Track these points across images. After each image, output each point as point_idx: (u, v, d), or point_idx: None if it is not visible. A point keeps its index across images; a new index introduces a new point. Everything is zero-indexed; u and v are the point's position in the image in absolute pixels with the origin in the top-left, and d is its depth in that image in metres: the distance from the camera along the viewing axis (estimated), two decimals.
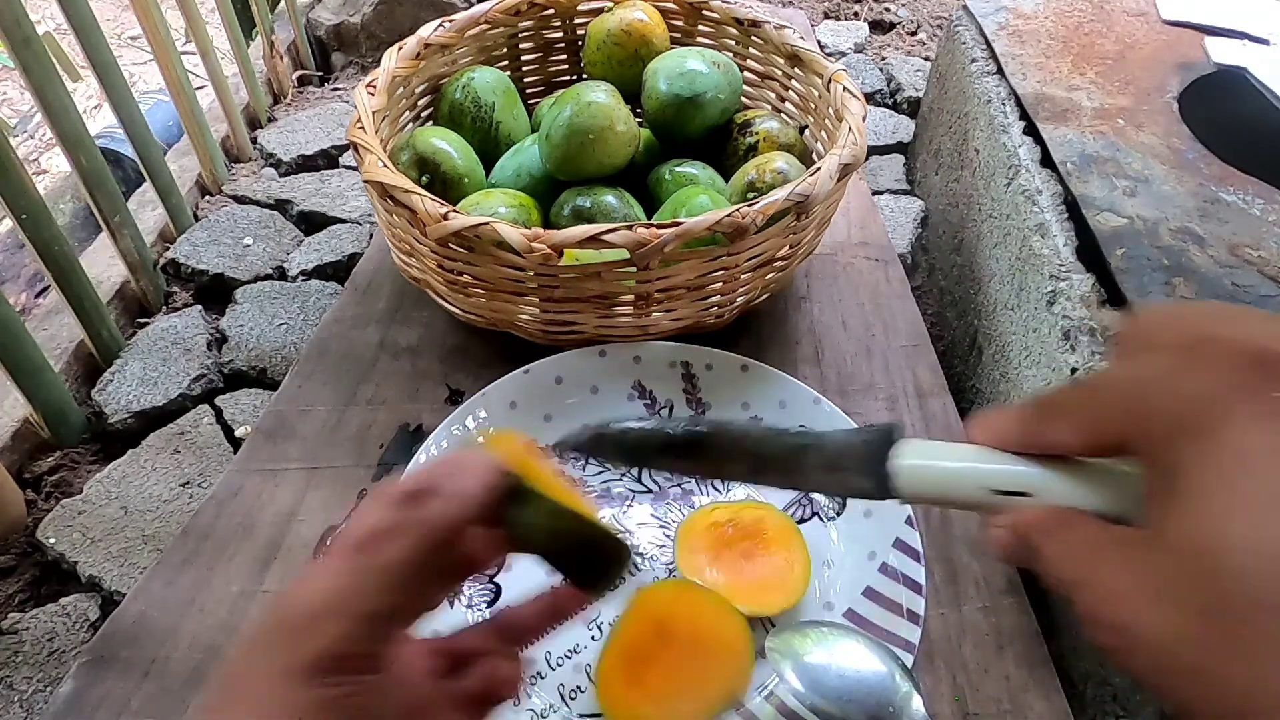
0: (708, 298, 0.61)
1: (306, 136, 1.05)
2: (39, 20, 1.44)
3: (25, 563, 0.62)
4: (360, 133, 0.59)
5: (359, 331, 0.69)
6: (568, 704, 0.46)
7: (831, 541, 0.53)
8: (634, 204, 0.65)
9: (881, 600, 0.49)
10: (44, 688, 0.54)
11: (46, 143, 1.53)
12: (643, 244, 0.52)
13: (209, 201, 0.95)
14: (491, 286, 0.59)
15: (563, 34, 0.81)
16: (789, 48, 0.72)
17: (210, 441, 0.69)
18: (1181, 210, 0.65)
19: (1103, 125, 0.74)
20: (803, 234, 0.62)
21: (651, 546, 0.53)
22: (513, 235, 0.52)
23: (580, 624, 0.49)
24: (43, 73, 0.67)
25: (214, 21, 1.02)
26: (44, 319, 0.77)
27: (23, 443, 0.68)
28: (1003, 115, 0.78)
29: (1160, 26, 0.89)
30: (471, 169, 0.67)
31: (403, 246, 0.62)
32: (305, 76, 1.21)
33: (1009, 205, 0.73)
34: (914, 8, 1.39)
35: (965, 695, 0.47)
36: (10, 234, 1.13)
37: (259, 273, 0.85)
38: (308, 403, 0.63)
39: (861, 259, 0.77)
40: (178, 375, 0.73)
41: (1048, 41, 0.86)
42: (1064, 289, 0.61)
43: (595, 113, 0.63)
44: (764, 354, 0.64)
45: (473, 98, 0.71)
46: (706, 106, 0.68)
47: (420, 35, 0.70)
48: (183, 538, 0.54)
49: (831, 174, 0.57)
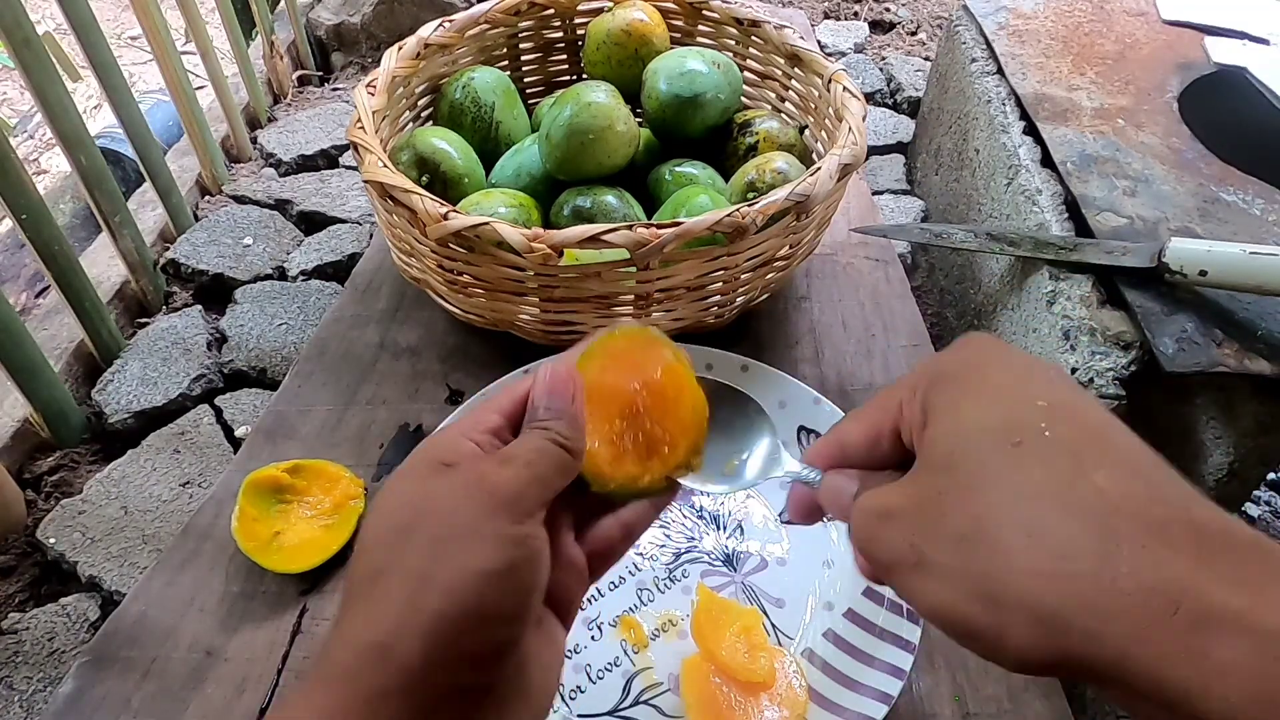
0: (708, 298, 0.61)
1: (306, 136, 1.05)
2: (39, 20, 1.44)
3: (25, 563, 0.62)
4: (360, 133, 0.59)
5: (359, 331, 0.69)
6: (567, 704, 0.46)
7: (831, 541, 0.53)
8: (634, 204, 0.65)
9: (882, 600, 0.49)
10: (44, 688, 0.54)
11: (46, 143, 1.53)
12: (643, 244, 0.52)
13: (209, 201, 0.95)
14: (491, 286, 0.59)
15: (563, 34, 0.81)
16: (789, 48, 0.72)
17: (210, 441, 0.69)
18: (1181, 210, 0.65)
19: (1103, 125, 0.74)
20: (803, 234, 0.62)
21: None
22: (513, 235, 0.52)
23: (580, 624, 0.49)
24: (43, 73, 0.67)
25: (214, 21, 1.02)
26: (44, 319, 0.77)
27: (23, 443, 0.68)
28: (1003, 115, 0.78)
29: (1160, 26, 0.89)
30: (471, 169, 0.67)
31: (403, 246, 0.62)
32: (305, 76, 1.21)
33: (1009, 205, 0.73)
34: (914, 8, 1.39)
35: (965, 695, 0.47)
36: (10, 234, 1.13)
37: (259, 273, 0.85)
38: (308, 403, 0.63)
39: (861, 259, 0.77)
40: (178, 375, 0.73)
41: (1048, 41, 0.86)
42: (1064, 289, 0.61)
43: (595, 113, 0.63)
44: (764, 354, 0.64)
45: (473, 98, 0.71)
46: (706, 106, 0.68)
47: (420, 35, 0.70)
48: (183, 538, 0.54)
49: (831, 174, 0.57)
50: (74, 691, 0.47)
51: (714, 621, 0.47)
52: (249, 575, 0.52)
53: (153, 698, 0.46)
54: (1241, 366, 0.53)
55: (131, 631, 0.49)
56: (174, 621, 0.50)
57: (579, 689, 0.47)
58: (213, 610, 0.50)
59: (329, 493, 0.55)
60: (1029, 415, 0.23)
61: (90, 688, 0.47)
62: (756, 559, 0.53)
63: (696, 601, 0.49)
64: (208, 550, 0.53)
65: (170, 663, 0.48)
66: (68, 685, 0.47)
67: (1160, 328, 0.55)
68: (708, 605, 0.48)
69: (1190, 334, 0.54)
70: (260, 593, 0.51)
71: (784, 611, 0.50)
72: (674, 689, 0.47)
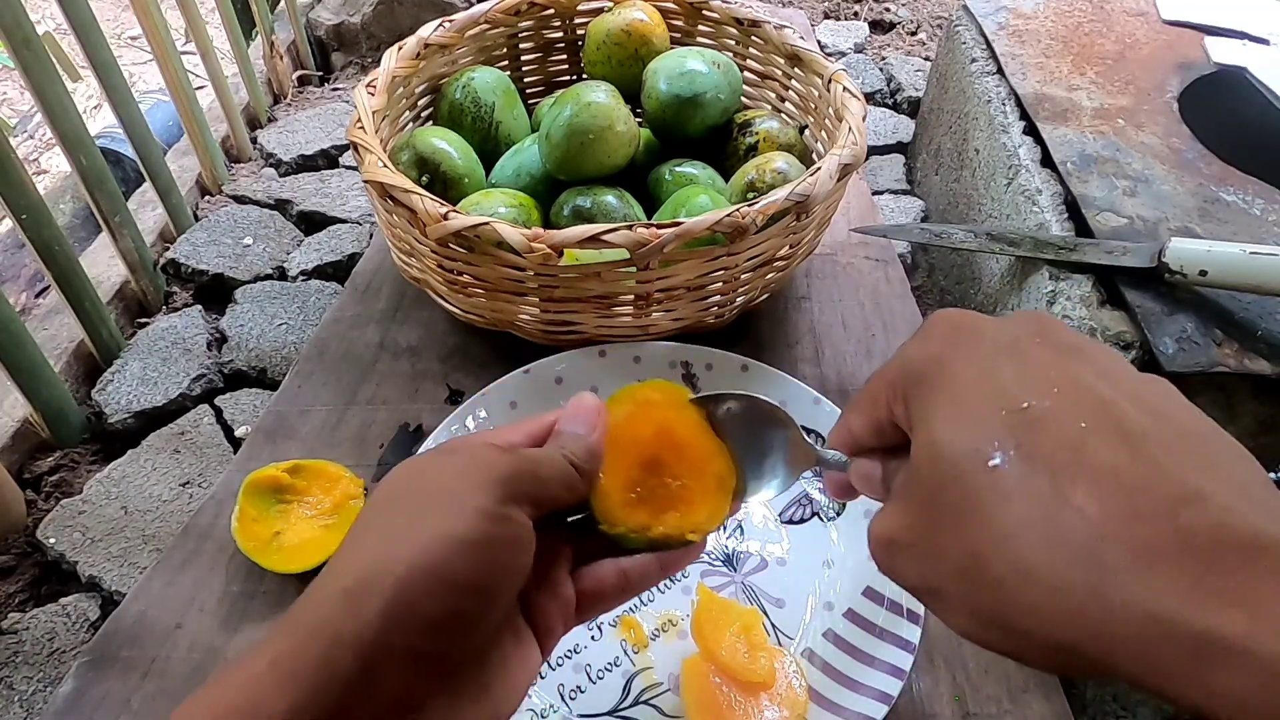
0: (708, 298, 0.61)
1: (306, 136, 1.05)
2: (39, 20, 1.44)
3: (25, 563, 0.62)
4: (360, 133, 0.59)
5: (359, 331, 0.69)
6: (568, 704, 0.46)
7: (831, 541, 0.53)
8: (634, 204, 0.65)
9: (882, 600, 0.49)
10: (44, 688, 0.54)
11: (46, 143, 1.53)
12: (643, 244, 0.52)
13: (209, 201, 0.95)
14: (491, 286, 0.59)
15: (563, 34, 0.81)
16: (789, 48, 0.72)
17: (210, 441, 0.69)
18: (1181, 210, 0.65)
19: (1103, 125, 0.74)
20: (803, 234, 0.62)
21: None
22: (513, 235, 0.52)
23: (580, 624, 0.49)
24: (43, 73, 0.67)
25: (214, 21, 1.02)
26: (44, 319, 0.77)
27: (23, 443, 0.68)
28: (1003, 115, 0.78)
29: (1160, 26, 0.89)
30: (471, 169, 0.67)
31: (403, 246, 0.62)
32: (305, 76, 1.21)
33: (1009, 205, 0.73)
34: (914, 8, 1.39)
35: (965, 695, 0.47)
36: (10, 234, 1.13)
37: (259, 273, 0.85)
38: (308, 403, 0.63)
39: (861, 259, 0.77)
40: (178, 375, 0.73)
41: (1048, 41, 0.86)
42: (1064, 289, 0.61)
43: (595, 113, 0.63)
44: (764, 354, 0.64)
45: (473, 98, 0.71)
46: (706, 106, 0.68)
47: (420, 35, 0.70)
48: (183, 538, 0.54)
49: (831, 174, 0.57)
50: (74, 691, 0.47)
51: (714, 621, 0.47)
52: (249, 575, 0.52)
53: (153, 698, 0.46)
54: (1241, 366, 0.53)
55: (131, 631, 0.49)
56: (174, 621, 0.50)
57: (579, 689, 0.47)
58: (213, 610, 0.50)
59: (329, 493, 0.55)
60: (999, 429, 0.23)
61: (90, 688, 0.47)
62: (756, 559, 0.53)
63: (696, 601, 0.49)
64: (208, 550, 0.53)
65: (170, 663, 0.48)
66: (67, 685, 0.47)
67: (1160, 328, 0.55)
68: (708, 605, 0.48)
69: (1190, 334, 0.55)
70: (260, 593, 0.51)
71: (784, 611, 0.50)
72: (674, 689, 0.47)
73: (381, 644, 0.24)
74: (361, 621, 0.24)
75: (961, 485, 0.23)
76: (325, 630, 0.24)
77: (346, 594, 0.25)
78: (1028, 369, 0.24)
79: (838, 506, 0.55)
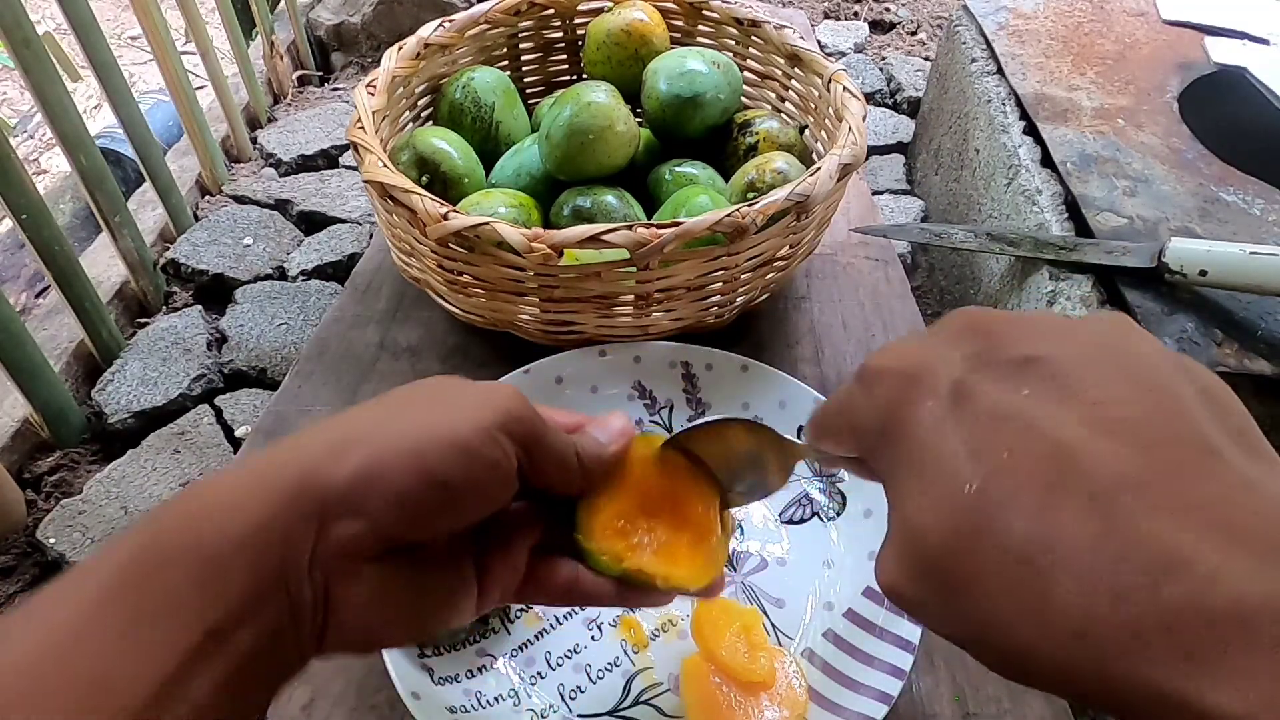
0: (708, 298, 0.61)
1: (306, 136, 1.05)
2: (39, 20, 1.44)
3: (25, 563, 0.62)
4: (360, 133, 0.59)
5: (359, 331, 0.69)
6: (568, 704, 0.46)
7: (831, 541, 0.53)
8: (634, 204, 0.65)
9: (882, 600, 0.49)
10: None
11: (46, 143, 1.53)
12: (643, 244, 0.52)
13: (209, 201, 0.95)
14: (491, 286, 0.59)
15: (563, 34, 0.81)
16: (789, 48, 0.72)
17: (210, 441, 0.69)
18: (1181, 210, 0.65)
19: (1103, 125, 0.74)
20: (803, 234, 0.62)
21: None
22: (513, 235, 0.52)
23: (580, 624, 0.49)
24: (43, 73, 0.67)
25: (214, 21, 1.02)
26: (44, 319, 0.77)
27: (23, 443, 0.68)
28: (1003, 115, 0.78)
29: (1160, 26, 0.89)
30: (471, 169, 0.67)
31: (403, 246, 0.62)
32: (305, 76, 1.21)
33: (1009, 205, 0.73)
34: (914, 8, 1.39)
35: (965, 695, 0.47)
36: (10, 234, 1.13)
37: (259, 273, 0.85)
38: (308, 403, 0.63)
39: (861, 259, 0.77)
40: (178, 375, 0.73)
41: (1048, 41, 0.86)
42: (1064, 289, 0.61)
43: (595, 113, 0.63)
44: (764, 354, 0.64)
45: (473, 98, 0.71)
46: (706, 106, 0.68)
47: (420, 35, 0.70)
48: None
49: (831, 174, 0.57)
50: None
51: (714, 621, 0.47)
52: None
53: None
54: (1241, 366, 0.53)
55: None
56: None
57: (579, 689, 0.47)
58: None
59: None
60: (966, 516, 0.22)
61: None
62: (756, 559, 0.53)
63: (696, 601, 0.49)
64: None
65: None
66: None
67: (1160, 328, 0.55)
68: (707, 605, 0.48)
69: (1190, 334, 0.55)
70: None
71: (784, 611, 0.50)
72: (674, 689, 0.47)
73: (347, 495, 0.25)
74: (339, 469, 0.25)
75: (948, 575, 0.22)
76: (303, 465, 0.25)
77: (330, 445, 0.26)
78: (976, 428, 0.22)
79: (838, 507, 0.55)
